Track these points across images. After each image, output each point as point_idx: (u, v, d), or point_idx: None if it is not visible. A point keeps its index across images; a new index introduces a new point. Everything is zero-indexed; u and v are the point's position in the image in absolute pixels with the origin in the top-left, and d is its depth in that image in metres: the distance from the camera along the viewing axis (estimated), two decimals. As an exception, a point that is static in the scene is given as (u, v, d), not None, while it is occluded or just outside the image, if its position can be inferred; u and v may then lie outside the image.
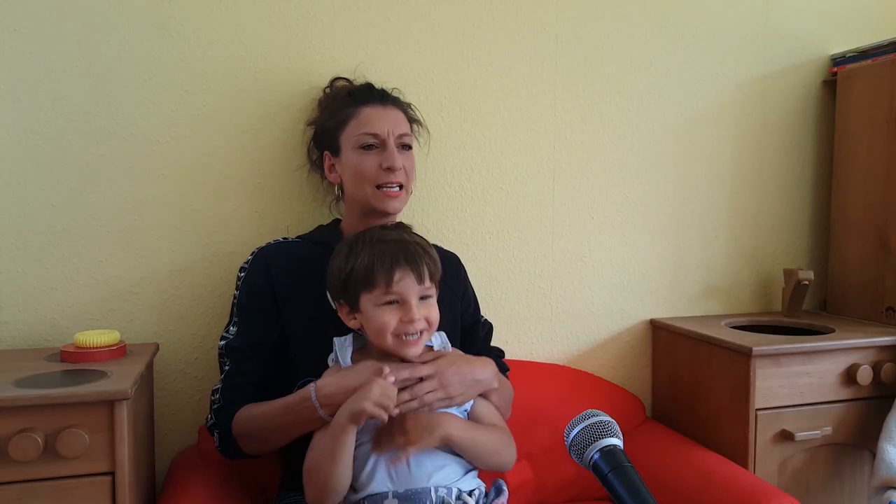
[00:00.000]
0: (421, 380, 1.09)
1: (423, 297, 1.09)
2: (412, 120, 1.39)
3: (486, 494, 1.14)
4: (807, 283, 1.77)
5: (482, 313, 1.44)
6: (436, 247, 1.41)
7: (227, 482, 1.28)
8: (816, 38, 1.90)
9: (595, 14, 1.70)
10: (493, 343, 1.43)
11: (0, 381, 1.08)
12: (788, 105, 1.89)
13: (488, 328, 1.42)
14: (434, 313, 1.11)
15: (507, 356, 1.66)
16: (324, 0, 1.50)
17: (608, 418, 0.86)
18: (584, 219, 1.73)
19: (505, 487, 1.15)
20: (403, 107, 1.36)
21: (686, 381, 1.69)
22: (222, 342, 1.22)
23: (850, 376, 1.56)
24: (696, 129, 1.81)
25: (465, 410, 1.17)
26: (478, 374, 1.16)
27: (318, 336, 1.17)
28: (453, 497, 1.06)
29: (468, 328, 1.38)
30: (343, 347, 1.14)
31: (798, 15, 1.88)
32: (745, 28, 1.84)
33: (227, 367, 1.21)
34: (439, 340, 1.20)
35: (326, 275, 1.16)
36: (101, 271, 1.41)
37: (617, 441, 0.83)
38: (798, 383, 1.53)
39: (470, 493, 1.09)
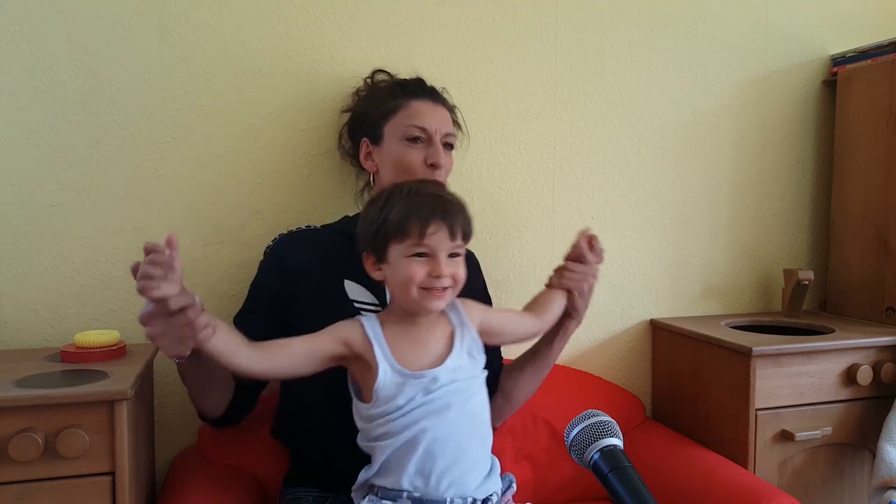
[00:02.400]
0: None
1: (452, 255, 1.06)
2: (455, 123, 1.38)
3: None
4: (807, 283, 1.78)
5: None
6: None
7: (227, 482, 1.28)
8: (816, 38, 1.90)
9: (595, 14, 1.70)
10: None
11: (0, 381, 1.08)
12: (788, 105, 1.89)
13: None
14: (461, 272, 1.06)
15: (507, 356, 1.66)
16: (324, 0, 1.50)
17: (608, 418, 0.86)
18: (584, 219, 1.73)
19: (514, 483, 1.13)
20: (450, 108, 1.36)
21: (686, 381, 1.69)
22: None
23: (850, 376, 1.56)
24: (696, 129, 1.81)
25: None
26: None
27: (326, 323, 1.15)
28: None
29: None
30: (375, 323, 1.07)
31: (798, 15, 1.88)
32: (745, 28, 1.84)
33: None
34: (457, 311, 1.14)
35: (359, 223, 1.10)
36: (101, 271, 1.41)
37: (617, 441, 0.83)
38: (798, 383, 1.53)
39: (485, 501, 1.07)
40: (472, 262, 1.42)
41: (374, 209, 1.07)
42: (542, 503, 1.51)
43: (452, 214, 1.05)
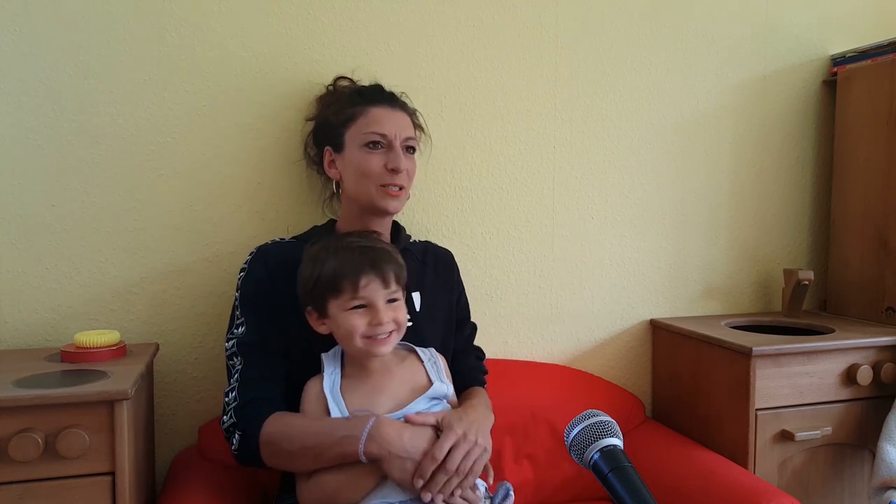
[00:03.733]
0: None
1: (390, 301, 1.11)
2: (416, 126, 1.38)
3: (492, 498, 1.13)
4: (807, 283, 1.77)
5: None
6: (429, 243, 1.42)
7: (227, 482, 1.28)
8: (816, 38, 1.90)
9: (595, 14, 1.70)
10: (493, 345, 1.44)
11: (0, 381, 1.08)
12: (788, 105, 1.89)
13: (473, 328, 1.43)
14: (402, 315, 1.12)
15: (507, 356, 1.67)
16: (323, 0, 1.50)
17: (608, 418, 0.86)
18: (584, 219, 1.73)
19: (511, 491, 1.14)
20: (410, 112, 1.36)
21: (686, 381, 1.69)
22: (231, 342, 1.19)
23: (850, 376, 1.56)
24: (696, 129, 1.81)
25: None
26: (487, 414, 1.20)
27: (311, 338, 1.16)
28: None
29: (457, 324, 1.38)
30: (335, 372, 1.14)
31: (798, 15, 1.88)
32: (745, 28, 1.84)
33: (239, 366, 1.17)
34: (428, 355, 1.20)
35: (298, 280, 1.15)
36: (101, 271, 1.41)
37: (617, 441, 0.83)
38: (798, 383, 1.53)
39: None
40: (449, 262, 1.42)
41: (307, 267, 1.13)
42: (542, 503, 1.51)
43: (382, 265, 1.09)
